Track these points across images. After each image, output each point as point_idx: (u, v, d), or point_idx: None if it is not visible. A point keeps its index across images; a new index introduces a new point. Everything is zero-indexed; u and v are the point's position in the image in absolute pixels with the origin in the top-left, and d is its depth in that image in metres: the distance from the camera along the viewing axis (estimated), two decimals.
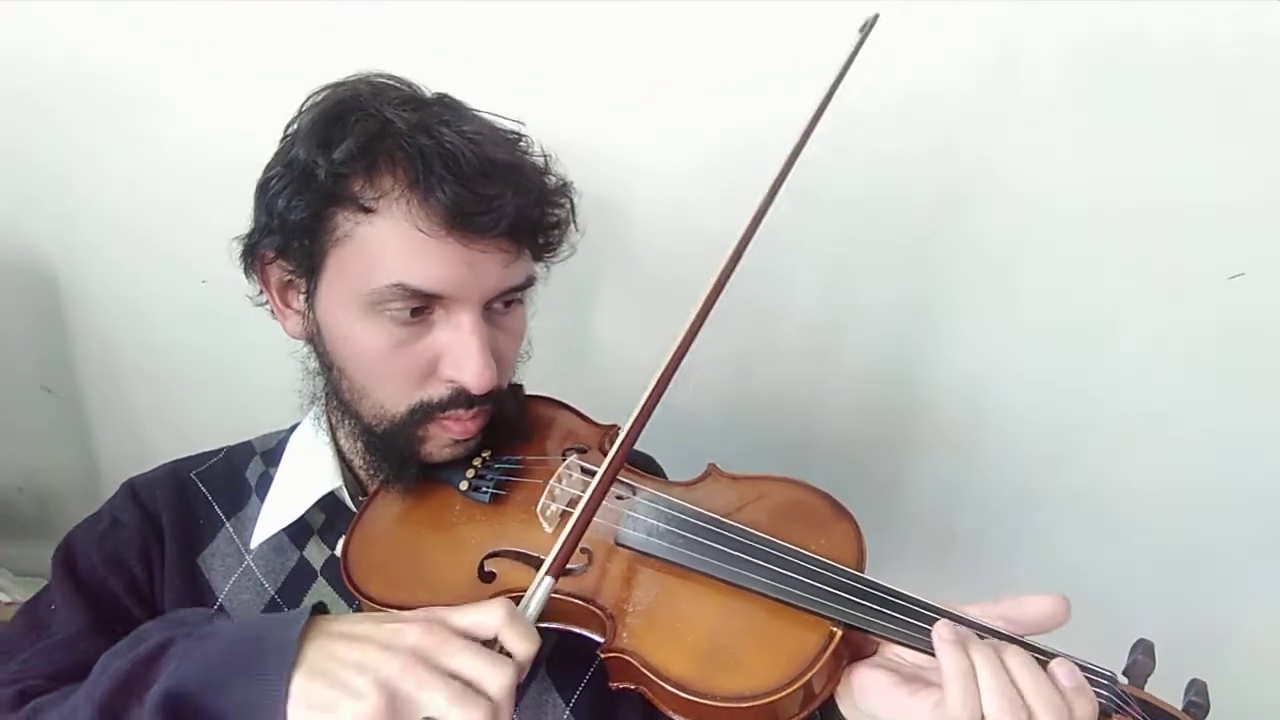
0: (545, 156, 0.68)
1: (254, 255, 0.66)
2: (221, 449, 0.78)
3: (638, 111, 0.90)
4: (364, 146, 0.58)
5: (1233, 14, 0.77)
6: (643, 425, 0.56)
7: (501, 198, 0.59)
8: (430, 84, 0.66)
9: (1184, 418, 0.96)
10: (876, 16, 0.74)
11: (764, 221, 0.64)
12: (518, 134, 0.68)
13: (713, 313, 0.58)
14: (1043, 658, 0.51)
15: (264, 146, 0.65)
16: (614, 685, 0.56)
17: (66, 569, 0.67)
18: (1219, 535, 1.02)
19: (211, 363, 1.13)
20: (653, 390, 0.57)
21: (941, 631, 0.50)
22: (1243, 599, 1.05)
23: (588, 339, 1.07)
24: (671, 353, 0.58)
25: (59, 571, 0.67)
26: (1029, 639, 0.53)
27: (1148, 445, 0.99)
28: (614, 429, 0.74)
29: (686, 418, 1.04)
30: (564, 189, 0.68)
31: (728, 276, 0.61)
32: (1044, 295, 0.94)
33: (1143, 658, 0.53)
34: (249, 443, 0.79)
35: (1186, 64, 0.80)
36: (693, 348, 0.58)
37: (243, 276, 0.68)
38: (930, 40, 0.83)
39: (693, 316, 0.60)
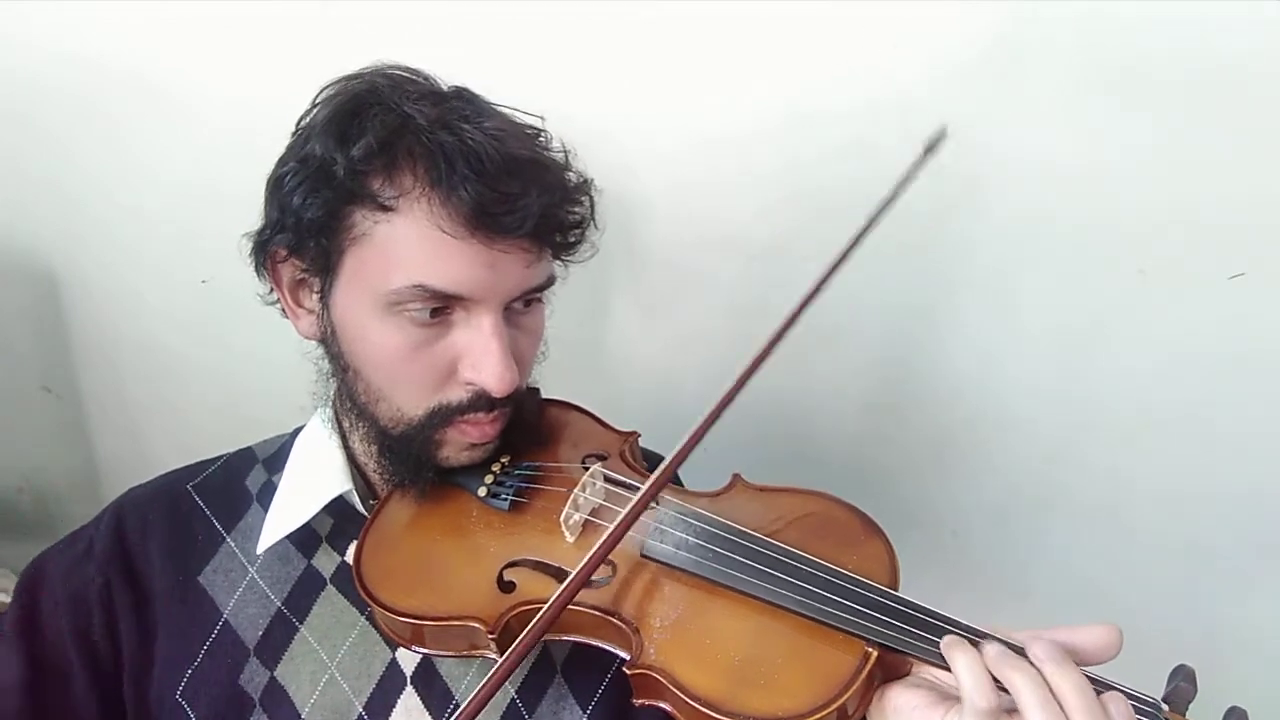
0: (565, 152, 0.66)
1: (265, 253, 0.63)
2: (220, 457, 0.75)
3: (651, 110, 0.89)
4: (383, 143, 0.56)
5: (1233, 13, 0.76)
6: (690, 451, 0.55)
7: (526, 196, 0.57)
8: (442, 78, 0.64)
9: (1185, 417, 0.96)
10: (944, 133, 0.66)
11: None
12: (537, 129, 0.66)
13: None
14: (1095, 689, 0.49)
15: (267, 143, 0.63)
16: (638, 702, 0.54)
17: (28, 599, 0.65)
18: (1220, 534, 1.01)
19: (212, 362, 1.12)
20: (708, 416, 0.55)
21: (949, 643, 0.49)
22: (1245, 598, 1.04)
23: (597, 339, 1.05)
24: (732, 383, 0.56)
25: (21, 597, 0.65)
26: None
27: (1149, 445, 0.98)
28: (633, 435, 0.72)
29: (689, 421, 1.03)
30: (585, 186, 0.66)
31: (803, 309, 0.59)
32: (1046, 297, 0.93)
33: (1184, 684, 0.51)
34: (250, 449, 0.76)
35: (1186, 63, 0.79)
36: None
37: (244, 276, 0.66)
38: (930, 41, 0.82)
39: (758, 351, 0.57)
